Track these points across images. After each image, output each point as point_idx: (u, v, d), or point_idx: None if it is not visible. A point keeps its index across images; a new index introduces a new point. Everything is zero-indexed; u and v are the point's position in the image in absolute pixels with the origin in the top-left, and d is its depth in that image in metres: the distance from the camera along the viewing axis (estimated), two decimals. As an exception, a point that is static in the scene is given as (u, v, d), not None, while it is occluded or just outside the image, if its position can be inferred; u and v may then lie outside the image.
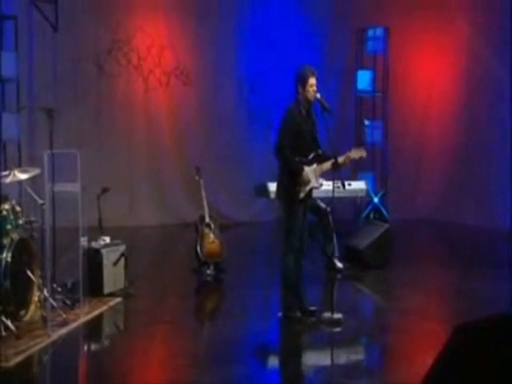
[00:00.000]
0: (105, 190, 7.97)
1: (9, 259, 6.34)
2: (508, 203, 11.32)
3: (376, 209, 11.46)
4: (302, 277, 6.98)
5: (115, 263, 7.68)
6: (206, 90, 11.76)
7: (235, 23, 11.79)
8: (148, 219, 11.85)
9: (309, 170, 6.71)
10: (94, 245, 7.61)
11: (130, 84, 11.67)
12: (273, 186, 8.49)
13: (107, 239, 7.82)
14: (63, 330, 6.43)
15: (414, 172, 12.20)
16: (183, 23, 11.68)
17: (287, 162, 6.69)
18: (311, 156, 6.76)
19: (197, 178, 9.00)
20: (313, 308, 6.97)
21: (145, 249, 10.24)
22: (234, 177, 12.03)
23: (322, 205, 8.72)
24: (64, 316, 6.62)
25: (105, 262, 7.57)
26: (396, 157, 11.60)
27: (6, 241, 6.42)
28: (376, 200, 11.49)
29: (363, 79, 11.01)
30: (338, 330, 6.65)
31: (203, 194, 8.84)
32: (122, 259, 7.75)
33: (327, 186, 6.97)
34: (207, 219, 8.72)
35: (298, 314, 6.80)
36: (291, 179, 6.69)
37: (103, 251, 7.59)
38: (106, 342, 6.66)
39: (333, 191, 6.79)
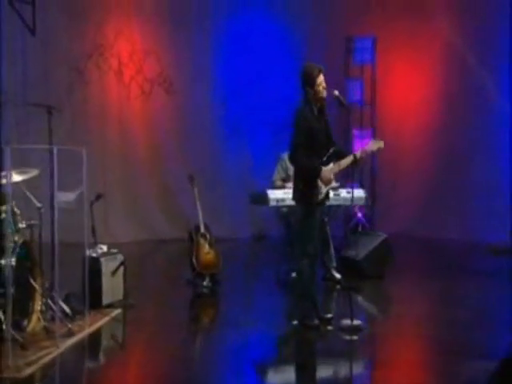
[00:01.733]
0: (99, 197, 7.55)
1: (13, 264, 5.88)
2: (487, 216, 11.29)
3: (359, 220, 11.29)
4: (315, 283, 6.71)
5: (113, 273, 7.26)
6: (189, 99, 11.43)
7: (221, 33, 11.56)
8: (122, 235, 11.37)
9: (326, 170, 6.45)
10: (92, 253, 7.17)
11: (110, 91, 11.26)
12: (272, 193, 8.24)
13: (104, 247, 7.39)
14: (70, 341, 6.00)
15: (392, 185, 12.07)
16: (166, 29, 11.36)
17: (303, 164, 6.41)
18: (326, 156, 6.50)
19: (191, 187, 8.62)
20: (329, 315, 6.69)
21: (131, 262, 9.80)
22: (211, 190, 11.66)
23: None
24: (70, 326, 6.18)
25: (103, 271, 7.14)
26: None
27: (8, 245, 5.97)
28: (360, 215, 11.33)
29: (351, 89, 10.89)
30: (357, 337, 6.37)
31: (198, 203, 8.48)
32: (121, 269, 7.34)
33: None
34: (202, 229, 8.37)
35: (316, 321, 6.50)
36: (308, 182, 6.42)
37: (102, 260, 7.15)
38: (117, 353, 6.21)
39: (327, 199, 6.58)
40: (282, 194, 8.20)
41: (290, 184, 8.40)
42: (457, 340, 6.24)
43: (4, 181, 6.11)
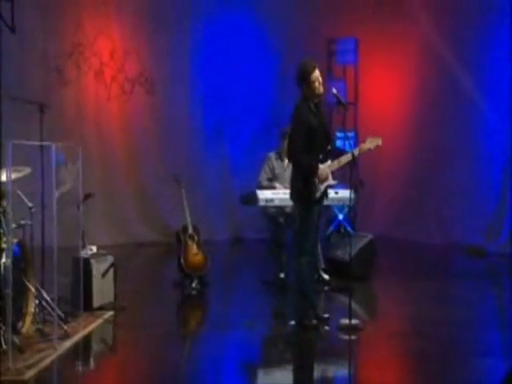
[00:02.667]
0: (88, 196, 7.35)
1: (9, 264, 5.70)
2: (464, 218, 11.35)
3: (340, 222, 11.27)
4: (313, 282, 6.65)
5: (104, 275, 7.10)
6: (169, 100, 11.29)
7: (201, 34, 11.46)
8: (99, 238, 11.15)
9: (323, 168, 6.40)
10: (82, 254, 7.00)
11: (91, 90, 11.07)
12: (262, 194, 8.17)
13: (94, 248, 7.23)
14: (67, 344, 5.85)
15: (369, 187, 12.05)
16: (147, 29, 11.20)
17: (301, 161, 6.34)
18: (324, 153, 6.45)
19: (178, 188, 8.51)
20: (326, 315, 6.64)
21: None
22: (189, 192, 11.52)
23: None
24: (65, 328, 6.03)
25: (94, 272, 6.98)
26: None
27: (3, 244, 5.80)
28: (341, 216, 11.30)
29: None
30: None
31: (185, 203, 8.37)
32: (111, 271, 7.19)
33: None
34: (190, 230, 8.26)
35: (315, 321, 6.43)
36: (306, 180, 6.35)
37: (92, 261, 6.99)
38: (115, 355, 6.06)
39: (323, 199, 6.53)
40: (270, 194, 8.13)
41: (277, 184, 8.40)
42: (452, 338, 6.26)
43: (3, 178, 5.94)
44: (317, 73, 6.34)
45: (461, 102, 11.14)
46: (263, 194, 8.12)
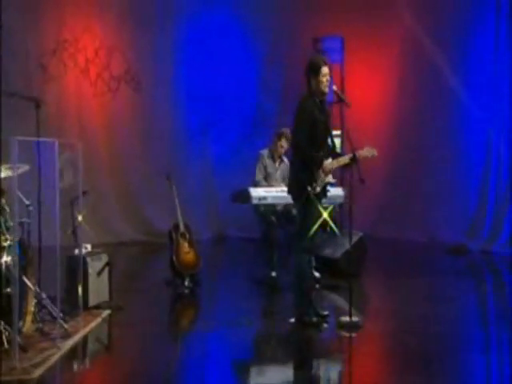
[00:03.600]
0: (83, 193, 7.25)
1: (10, 262, 5.63)
2: (446, 216, 11.45)
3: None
4: (312, 280, 6.66)
5: (99, 273, 7.03)
6: (153, 98, 11.22)
7: (184, 33, 11.40)
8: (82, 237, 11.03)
9: (327, 162, 6.42)
10: (77, 252, 6.91)
11: (76, 87, 10.94)
12: (254, 192, 8.15)
13: (89, 247, 7.16)
14: (69, 342, 5.78)
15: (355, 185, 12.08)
16: (131, 26, 11.11)
17: (306, 155, 6.31)
18: (324, 151, 6.46)
19: (169, 185, 8.46)
20: (325, 312, 6.64)
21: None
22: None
23: (298, 213, 8.40)
24: (66, 327, 5.95)
25: (90, 271, 6.90)
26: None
27: (4, 242, 5.72)
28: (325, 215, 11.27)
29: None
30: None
31: (177, 202, 8.32)
32: (106, 270, 7.11)
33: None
34: (182, 229, 8.21)
35: (315, 319, 6.44)
36: (309, 174, 6.32)
37: (88, 259, 6.91)
38: (119, 354, 5.98)
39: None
40: (263, 193, 8.13)
41: (271, 182, 8.42)
42: (441, 335, 6.28)
43: (3, 174, 5.86)
44: (326, 69, 6.33)
45: (443, 101, 11.24)
46: (256, 192, 8.10)
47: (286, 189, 7.86)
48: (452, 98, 11.18)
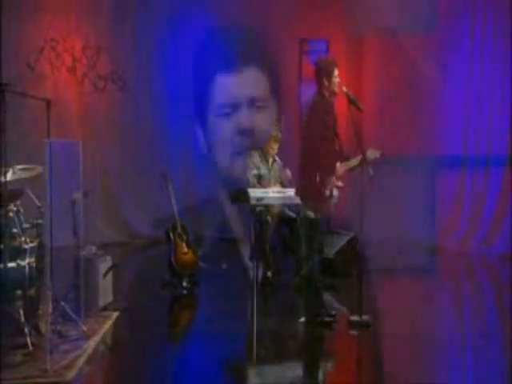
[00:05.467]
0: (86, 194, 7.23)
1: (34, 264, 5.60)
2: (420, 215, 11.64)
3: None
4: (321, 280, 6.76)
5: (105, 275, 7.01)
6: (138, 98, 11.15)
7: (167, 34, 11.33)
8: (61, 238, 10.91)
9: (338, 166, 6.54)
10: (85, 254, 6.89)
11: (63, 87, 10.81)
12: (253, 192, 8.19)
13: (94, 248, 7.13)
14: (91, 343, 5.77)
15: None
16: (115, 26, 11.03)
17: (319, 156, 6.39)
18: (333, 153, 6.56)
19: (165, 184, 8.46)
20: (334, 312, 6.75)
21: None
22: (156, 192, 11.41)
23: (292, 214, 8.51)
24: (84, 329, 5.94)
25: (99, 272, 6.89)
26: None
27: (26, 245, 5.69)
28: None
29: (306, 91, 10.94)
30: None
31: (173, 201, 8.33)
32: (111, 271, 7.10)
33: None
34: (179, 229, 8.22)
35: (327, 318, 6.54)
36: (321, 176, 6.41)
37: (98, 261, 6.89)
38: (142, 354, 5.94)
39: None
40: (261, 193, 8.18)
41: (264, 184, 8.49)
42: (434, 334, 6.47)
43: (9, 177, 5.83)
44: (337, 71, 6.46)
45: (425, 102, 11.40)
46: (254, 193, 8.15)
47: (281, 189, 8.06)
48: (433, 98, 11.34)
